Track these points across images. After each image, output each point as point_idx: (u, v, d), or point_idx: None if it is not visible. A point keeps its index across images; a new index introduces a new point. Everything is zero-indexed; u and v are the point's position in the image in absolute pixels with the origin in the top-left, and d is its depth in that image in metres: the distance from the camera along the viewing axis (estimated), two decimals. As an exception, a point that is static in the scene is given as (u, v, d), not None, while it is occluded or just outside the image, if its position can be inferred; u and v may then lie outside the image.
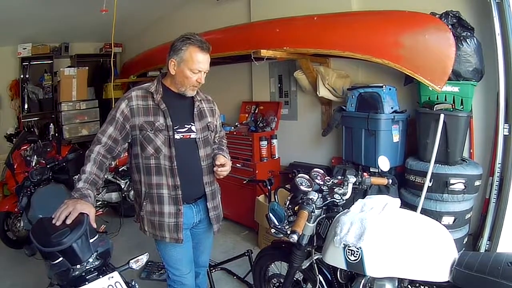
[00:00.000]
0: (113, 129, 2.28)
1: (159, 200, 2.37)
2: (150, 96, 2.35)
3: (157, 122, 2.31)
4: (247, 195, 4.93)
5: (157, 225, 2.39)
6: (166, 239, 2.41)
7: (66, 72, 7.44)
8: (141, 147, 2.33)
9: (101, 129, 2.33)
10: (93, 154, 2.24)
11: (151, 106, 2.33)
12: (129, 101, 2.30)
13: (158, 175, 2.34)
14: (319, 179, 2.41)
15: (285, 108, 5.35)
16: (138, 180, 2.41)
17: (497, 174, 3.37)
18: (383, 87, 3.68)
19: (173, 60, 2.30)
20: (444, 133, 3.28)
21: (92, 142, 2.32)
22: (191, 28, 5.22)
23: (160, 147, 2.31)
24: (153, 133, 2.30)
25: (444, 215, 3.30)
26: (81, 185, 2.15)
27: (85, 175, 2.18)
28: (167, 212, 2.37)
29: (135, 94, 2.33)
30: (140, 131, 2.30)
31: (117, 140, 2.30)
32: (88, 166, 2.21)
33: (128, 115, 2.29)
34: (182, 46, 2.28)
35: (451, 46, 3.16)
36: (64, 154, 4.97)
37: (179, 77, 2.34)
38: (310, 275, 2.39)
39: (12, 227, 4.65)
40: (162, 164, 2.33)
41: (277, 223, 2.26)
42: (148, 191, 2.37)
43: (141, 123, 2.29)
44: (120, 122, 2.28)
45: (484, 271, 1.68)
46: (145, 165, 2.35)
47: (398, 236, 1.84)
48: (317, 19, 3.93)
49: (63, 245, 1.99)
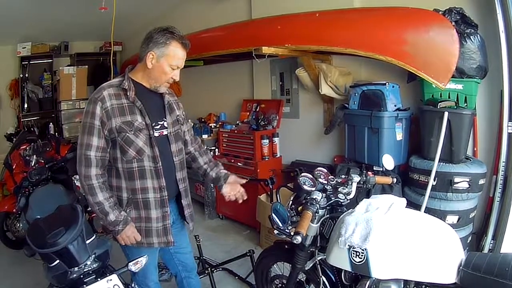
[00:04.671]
0: (97, 139, 2.12)
1: (145, 205, 2.26)
2: (123, 93, 2.18)
3: (136, 121, 2.17)
4: (249, 194, 4.80)
5: (144, 231, 2.28)
6: (154, 245, 2.32)
7: (66, 71, 7.46)
8: (121, 151, 2.18)
9: (83, 143, 2.12)
10: (94, 182, 2.11)
11: (126, 104, 2.17)
12: (103, 103, 2.11)
13: (142, 178, 2.22)
14: (322, 178, 2.37)
15: (287, 106, 5.32)
16: (119, 186, 2.25)
17: (501, 172, 3.35)
18: (386, 84, 3.64)
19: (152, 53, 2.14)
20: (448, 131, 3.25)
21: (79, 162, 2.13)
22: (192, 25, 5.27)
23: (142, 148, 2.19)
24: (133, 134, 2.16)
25: (448, 214, 3.27)
26: (114, 217, 2.13)
27: (106, 204, 2.12)
28: (154, 217, 2.28)
29: (107, 93, 2.14)
30: (118, 133, 2.14)
31: (105, 149, 2.16)
32: (100, 196, 2.11)
33: (104, 119, 2.11)
34: (164, 40, 2.14)
35: (454, 43, 3.12)
36: (63, 154, 4.95)
37: (156, 72, 2.20)
38: (313, 276, 2.36)
39: (11, 227, 4.63)
40: (146, 166, 2.22)
41: (280, 224, 2.21)
42: (132, 197, 2.24)
43: (119, 125, 2.13)
44: (100, 129, 2.12)
45: (492, 272, 1.66)
46: (127, 169, 2.21)
47: (405, 237, 1.81)
48: (319, 15, 3.88)
49: (59, 246, 1.96)
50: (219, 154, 5.48)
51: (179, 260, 2.63)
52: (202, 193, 5.67)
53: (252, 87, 5.87)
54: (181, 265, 2.65)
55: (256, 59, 4.18)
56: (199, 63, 6.19)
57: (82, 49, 8.35)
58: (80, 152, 2.13)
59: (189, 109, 7.08)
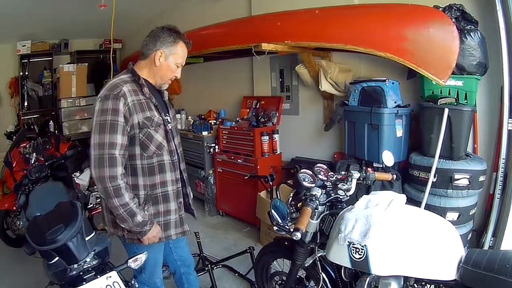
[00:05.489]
0: (122, 136, 2.06)
1: (165, 199, 2.30)
2: (139, 89, 2.19)
3: (154, 117, 2.21)
4: (249, 191, 4.90)
5: (163, 226, 2.30)
6: (172, 237, 2.37)
7: (66, 68, 7.45)
8: (141, 147, 2.17)
9: (105, 141, 2.03)
10: (120, 183, 2.05)
11: (144, 100, 2.19)
12: (125, 99, 2.08)
13: (162, 172, 2.26)
14: (322, 175, 2.37)
15: (287, 102, 5.31)
16: (135, 184, 2.21)
17: (501, 169, 3.34)
18: (386, 81, 3.63)
19: (161, 51, 2.21)
20: (448, 128, 3.24)
21: (99, 163, 2.02)
22: (192, 23, 5.25)
23: (162, 142, 2.24)
24: (153, 129, 2.19)
25: (448, 211, 3.26)
26: (141, 217, 2.12)
27: (133, 205, 2.09)
28: (173, 209, 2.34)
29: (127, 89, 2.11)
30: (140, 129, 2.14)
31: (127, 147, 2.13)
32: (126, 196, 2.06)
33: (127, 115, 2.08)
34: (173, 39, 2.23)
35: (454, 39, 3.11)
36: (63, 151, 4.95)
37: (164, 70, 2.27)
38: (313, 273, 2.36)
39: (11, 225, 4.63)
40: (165, 160, 2.27)
41: (280, 221, 2.22)
42: (151, 193, 2.24)
43: (142, 121, 2.13)
44: (124, 125, 2.08)
45: (492, 269, 1.66)
46: (147, 165, 2.21)
47: (405, 234, 1.81)
48: (318, 12, 3.87)
49: (58, 243, 1.96)
50: (219, 151, 5.48)
51: (178, 255, 2.65)
52: (202, 190, 5.68)
53: (252, 84, 5.86)
54: (180, 260, 2.67)
55: (256, 55, 4.18)
56: (199, 60, 6.19)
57: (82, 47, 8.31)
58: (101, 151, 2.03)
59: (189, 106, 7.14)
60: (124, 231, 2.22)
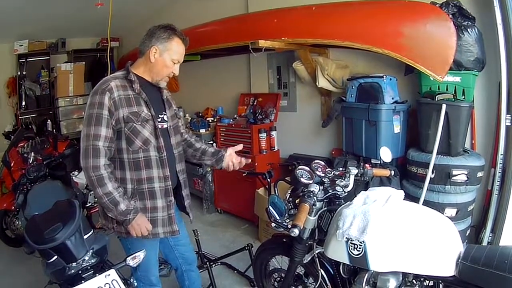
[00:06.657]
0: (106, 129, 2.13)
1: (151, 195, 2.29)
2: (129, 85, 2.23)
3: (142, 112, 2.22)
4: (247, 188, 4.90)
5: (150, 222, 2.30)
6: (159, 235, 2.36)
7: (63, 67, 7.45)
8: (127, 141, 2.21)
9: (90, 133, 2.12)
10: (103, 172, 2.10)
11: (132, 95, 2.22)
12: (111, 93, 2.14)
13: (148, 168, 2.26)
14: (320, 171, 2.37)
15: (284, 99, 5.31)
16: (122, 178, 2.26)
17: (499, 165, 3.35)
18: (383, 77, 3.64)
19: (156, 47, 2.24)
20: (446, 124, 3.24)
21: (85, 154, 2.11)
22: (189, 20, 5.24)
23: (148, 138, 2.24)
24: (140, 124, 2.21)
25: (446, 206, 3.27)
26: (125, 206, 2.14)
27: (116, 194, 2.12)
28: (160, 206, 2.32)
29: (114, 84, 2.17)
30: (125, 123, 2.18)
31: (112, 140, 2.17)
32: (109, 185, 2.11)
33: (112, 109, 2.14)
34: (167, 35, 2.25)
35: (452, 35, 3.10)
36: (61, 150, 4.94)
37: (158, 66, 2.29)
38: (312, 269, 2.37)
39: (10, 225, 4.62)
40: (151, 156, 2.26)
41: (278, 217, 2.22)
42: (137, 187, 2.26)
43: (126, 115, 2.17)
44: (108, 118, 2.13)
45: (491, 265, 1.66)
46: (133, 160, 2.24)
47: (403, 229, 1.81)
48: (315, 9, 3.86)
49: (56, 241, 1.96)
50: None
51: (179, 253, 2.66)
52: (201, 187, 5.67)
53: (249, 81, 5.86)
54: (182, 258, 2.68)
55: (253, 53, 4.16)
56: (196, 58, 6.16)
57: (79, 46, 8.28)
58: (87, 143, 2.11)
59: (186, 103, 7.13)
60: (113, 223, 2.27)
